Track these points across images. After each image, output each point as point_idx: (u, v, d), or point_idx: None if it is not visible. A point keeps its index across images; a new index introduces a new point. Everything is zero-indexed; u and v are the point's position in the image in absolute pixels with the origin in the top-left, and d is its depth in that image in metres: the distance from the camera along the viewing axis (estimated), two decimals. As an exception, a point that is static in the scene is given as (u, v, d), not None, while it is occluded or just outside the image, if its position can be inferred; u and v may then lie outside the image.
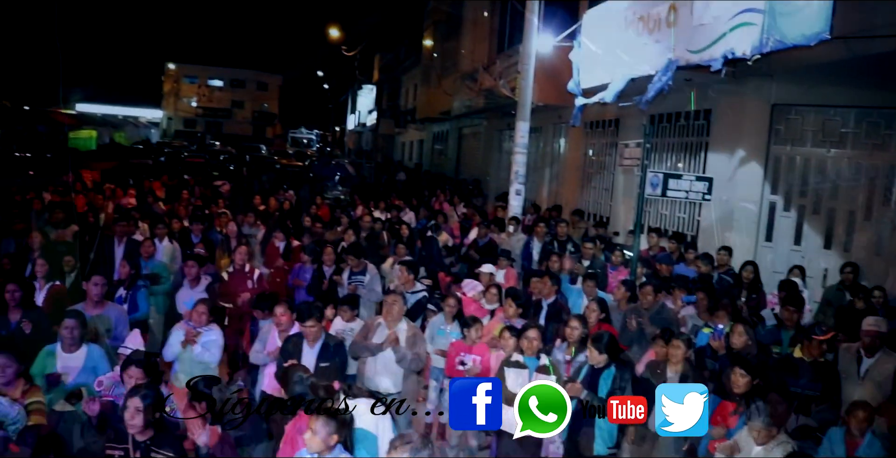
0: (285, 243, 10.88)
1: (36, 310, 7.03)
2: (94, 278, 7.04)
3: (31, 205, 12.68)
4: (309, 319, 6.10)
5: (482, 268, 9.34)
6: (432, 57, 31.29)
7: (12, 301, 6.75)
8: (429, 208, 16.28)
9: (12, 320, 6.69)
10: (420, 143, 38.86)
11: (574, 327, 6.76)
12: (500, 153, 23.49)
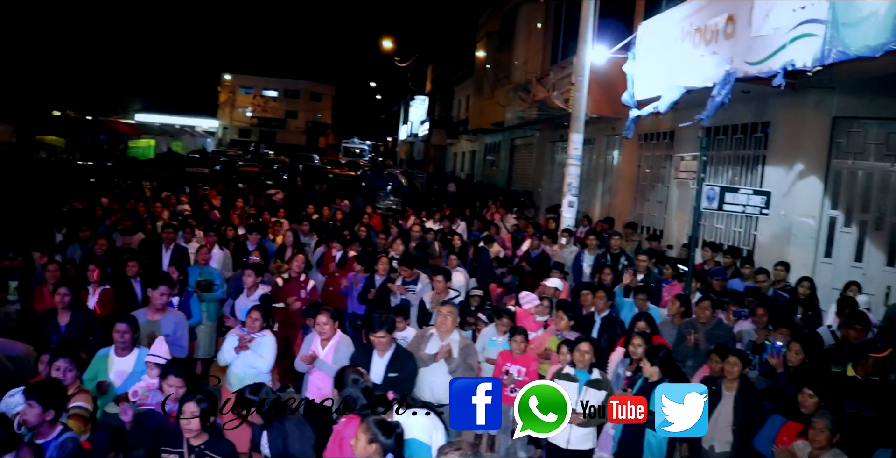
0: (342, 252, 10.98)
1: (85, 312, 7.18)
2: (160, 287, 7.16)
3: (94, 212, 13.01)
4: (380, 330, 6.12)
5: (548, 282, 9.28)
6: (485, 68, 31.32)
7: (61, 304, 6.91)
8: (481, 219, 16.28)
9: (61, 323, 6.85)
10: (472, 153, 38.90)
11: (637, 345, 6.68)
12: (553, 165, 23.39)
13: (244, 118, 79.06)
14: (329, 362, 6.56)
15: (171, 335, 6.85)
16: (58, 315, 6.89)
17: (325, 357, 6.63)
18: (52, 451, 4.52)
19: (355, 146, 63.51)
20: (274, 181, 27.79)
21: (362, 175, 32.13)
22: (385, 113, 74.32)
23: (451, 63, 43.92)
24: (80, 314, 7.05)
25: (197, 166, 31.47)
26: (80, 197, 15.59)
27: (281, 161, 43.97)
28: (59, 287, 7.01)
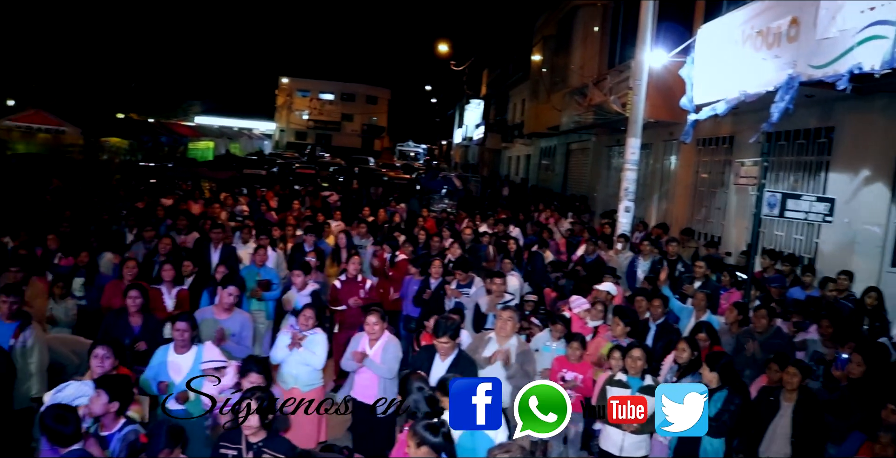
0: (391, 254, 11.05)
1: (153, 317, 7.29)
2: (230, 287, 7.27)
3: (155, 212, 13.30)
4: (443, 335, 6.14)
5: (602, 286, 9.20)
6: (541, 72, 31.23)
7: (133, 307, 7.01)
8: (535, 224, 16.22)
9: (133, 324, 6.98)
10: (527, 157, 38.79)
11: (683, 349, 6.60)
12: (609, 170, 23.19)
13: (301, 121, 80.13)
14: (377, 361, 6.60)
15: (237, 335, 6.98)
16: (130, 317, 7.01)
17: (373, 357, 6.68)
18: (116, 443, 4.62)
19: (410, 149, 63.89)
20: (329, 183, 28.07)
21: (417, 178, 32.27)
22: (440, 116, 74.67)
23: (506, 67, 43.89)
24: (152, 318, 7.18)
25: (254, 168, 31.90)
26: (142, 197, 15.94)
27: (336, 164, 44.39)
28: (130, 290, 7.10)
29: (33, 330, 6.34)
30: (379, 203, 18.99)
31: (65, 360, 6.70)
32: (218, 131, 55.03)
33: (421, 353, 6.51)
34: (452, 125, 68.14)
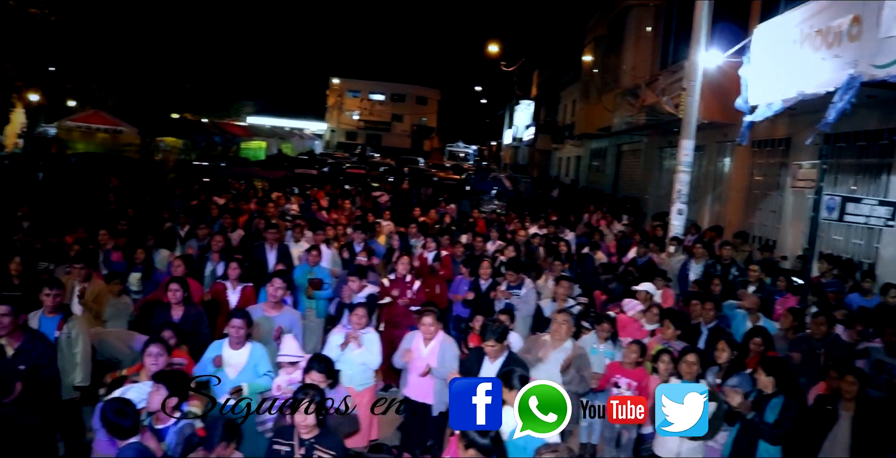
0: (434, 253, 11.06)
1: (196, 307, 7.43)
2: (274, 280, 7.32)
3: (209, 210, 13.51)
4: (490, 338, 6.13)
5: (640, 286, 9.12)
6: (592, 72, 31.02)
7: (174, 299, 7.15)
8: (587, 225, 16.12)
9: (175, 317, 7.10)
10: (577, 159, 38.55)
11: (722, 349, 6.50)
12: (661, 171, 22.92)
13: (351, 121, 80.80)
14: (434, 362, 6.61)
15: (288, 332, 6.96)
16: (171, 310, 7.15)
17: (430, 357, 6.68)
18: (171, 436, 4.71)
19: (460, 150, 63.88)
20: (379, 183, 28.22)
21: (467, 179, 32.28)
22: (490, 117, 74.57)
23: (557, 67, 43.68)
24: (193, 309, 7.29)
25: (305, 168, 32.21)
26: (197, 196, 16.21)
27: (386, 164, 44.62)
28: (171, 283, 7.25)
29: (76, 322, 6.51)
30: (429, 204, 19.04)
31: (120, 354, 6.86)
32: (270, 131, 55.72)
33: (470, 355, 6.49)
34: (502, 126, 68.03)
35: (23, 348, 5.60)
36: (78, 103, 40.83)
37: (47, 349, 5.69)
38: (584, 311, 8.87)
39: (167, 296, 7.24)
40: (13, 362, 5.57)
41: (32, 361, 5.58)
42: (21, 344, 5.60)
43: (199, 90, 48.55)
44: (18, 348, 5.59)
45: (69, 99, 40.61)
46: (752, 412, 5.73)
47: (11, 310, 5.53)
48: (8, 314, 5.51)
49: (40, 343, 5.69)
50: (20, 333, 5.64)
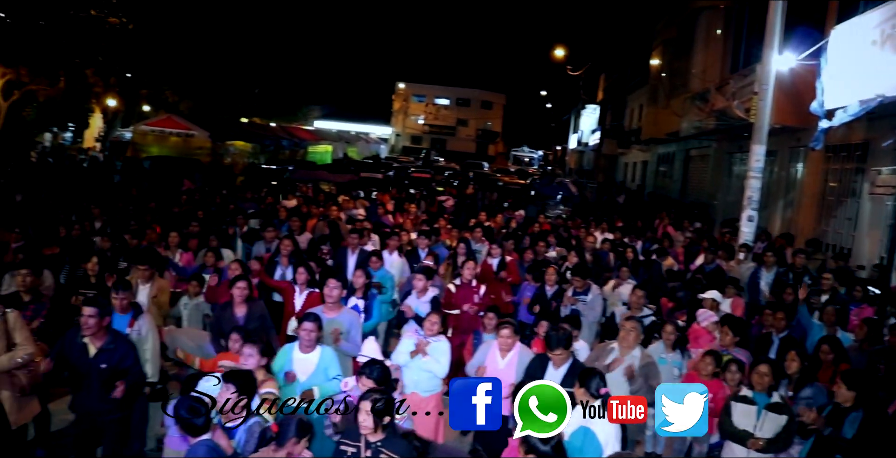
0: (499, 259, 11.03)
1: (260, 306, 7.53)
2: (329, 281, 7.36)
3: (276, 213, 13.72)
4: (557, 347, 6.12)
5: (707, 294, 8.94)
6: (660, 76, 30.61)
7: (239, 297, 7.26)
8: (653, 231, 15.91)
9: (238, 314, 7.22)
10: (643, 164, 38.06)
11: (792, 359, 6.33)
12: (730, 177, 22.48)
13: (416, 126, 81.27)
14: (512, 375, 6.53)
15: (346, 334, 7.04)
16: (234, 307, 7.26)
17: (507, 369, 6.62)
18: (241, 434, 4.81)
19: (524, 155, 63.75)
20: (444, 188, 28.30)
21: (532, 184, 32.13)
22: (555, 121, 74.15)
23: (624, 71, 43.22)
24: (256, 307, 7.40)
25: (371, 172, 32.50)
26: (265, 199, 16.49)
27: (451, 168, 44.72)
28: (238, 281, 7.36)
29: (146, 319, 6.71)
30: (493, 208, 19.02)
31: (192, 352, 7.04)
32: (336, 135, 56.41)
33: (534, 362, 6.45)
34: (567, 131, 67.59)
35: (105, 348, 5.76)
36: (152, 108, 42.04)
37: (130, 351, 5.85)
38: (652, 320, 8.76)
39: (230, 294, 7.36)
40: (95, 360, 5.75)
41: (114, 361, 5.74)
42: (104, 344, 5.77)
43: (268, 95, 49.46)
44: (101, 348, 5.76)
45: (144, 104, 41.86)
46: (829, 427, 5.56)
47: (97, 312, 5.70)
48: (94, 316, 5.67)
49: (122, 344, 5.85)
50: (104, 333, 5.80)
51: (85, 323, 5.68)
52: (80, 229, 10.81)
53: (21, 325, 5.96)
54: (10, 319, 5.93)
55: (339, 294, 7.36)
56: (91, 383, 5.77)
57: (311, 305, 8.03)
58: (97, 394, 5.75)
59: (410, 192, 23.08)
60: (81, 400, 5.92)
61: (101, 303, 5.84)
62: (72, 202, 13.56)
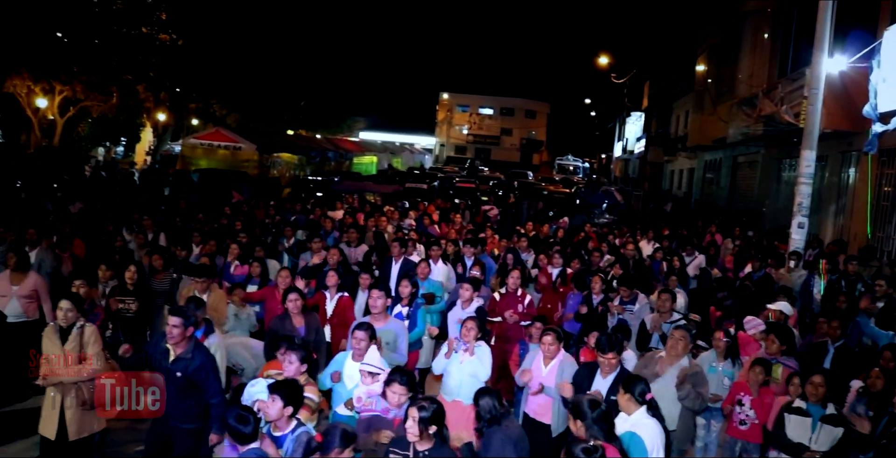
0: (560, 269, 10.98)
1: (315, 317, 7.63)
2: (373, 292, 7.39)
3: (322, 224, 13.82)
4: (610, 351, 6.07)
5: (775, 305, 8.71)
6: (706, 82, 30.26)
7: (294, 309, 7.36)
8: (700, 239, 15.70)
9: (297, 325, 7.31)
10: (690, 171, 37.60)
11: (876, 377, 6.15)
12: (779, 183, 22.10)
13: (460, 136, 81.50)
14: (552, 382, 6.53)
15: (392, 343, 7.06)
16: (292, 318, 7.35)
17: (548, 376, 6.61)
18: (289, 443, 4.85)
19: (569, 163, 63.50)
20: (489, 197, 28.27)
21: (577, 192, 31.93)
22: (600, 130, 73.76)
23: (669, 78, 42.82)
24: (313, 318, 7.49)
25: (416, 182, 32.61)
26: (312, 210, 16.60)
27: (496, 178, 44.70)
28: (290, 293, 7.46)
29: (217, 336, 6.86)
30: (539, 217, 18.93)
31: (244, 362, 7.14)
32: (381, 146, 56.84)
33: (581, 370, 6.40)
34: (612, 139, 67.17)
35: (183, 356, 5.85)
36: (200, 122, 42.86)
37: (205, 362, 5.90)
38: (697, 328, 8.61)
39: (284, 306, 7.44)
40: (172, 366, 5.85)
41: (189, 371, 5.81)
42: (182, 353, 5.86)
43: (314, 107, 50.08)
44: (179, 356, 5.85)
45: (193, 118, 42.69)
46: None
47: (182, 322, 5.81)
48: (178, 326, 5.79)
49: (200, 355, 5.91)
50: (186, 342, 5.90)
51: (170, 333, 5.80)
52: (122, 241, 11.03)
53: (95, 340, 6.14)
54: (86, 332, 6.13)
55: (383, 304, 7.38)
56: (167, 388, 5.83)
57: (342, 309, 8.12)
58: (172, 400, 5.82)
59: (455, 202, 23.08)
60: None
61: (186, 313, 5.94)
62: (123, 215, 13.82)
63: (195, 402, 5.88)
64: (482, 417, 5.08)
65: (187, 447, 5.93)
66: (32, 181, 20.60)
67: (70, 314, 6.10)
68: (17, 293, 8.24)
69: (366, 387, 5.89)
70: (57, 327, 6.14)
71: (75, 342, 6.06)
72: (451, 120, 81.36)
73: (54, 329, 6.15)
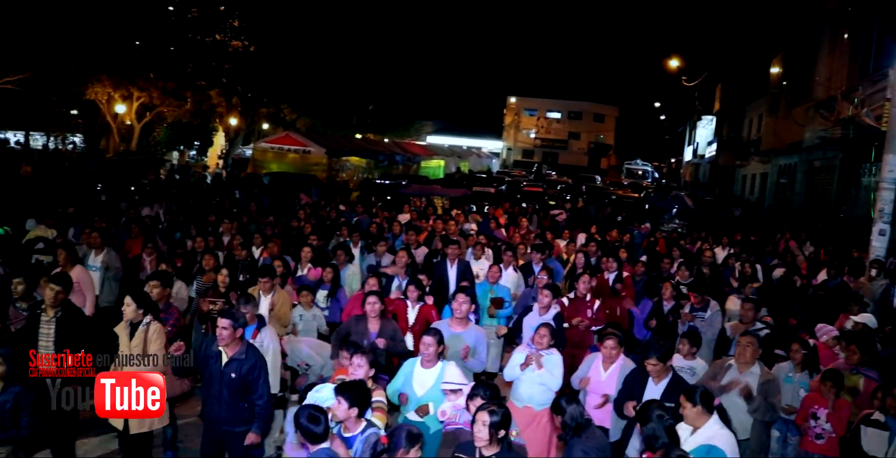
0: (616, 273, 10.83)
1: (392, 322, 7.60)
2: (458, 296, 7.30)
3: (391, 227, 13.90)
4: (652, 356, 5.97)
5: (859, 317, 8.43)
6: (781, 85, 29.56)
7: (372, 312, 7.32)
8: (774, 246, 15.31)
9: (372, 330, 7.30)
10: (763, 176, 36.73)
11: None
12: (858, 189, 21.40)
13: (528, 140, 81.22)
14: (612, 388, 6.45)
15: (472, 350, 6.96)
16: (368, 322, 7.35)
17: (608, 381, 6.54)
18: (358, 444, 4.89)
19: (638, 168, 62.69)
20: (556, 202, 28.08)
21: (645, 197, 31.48)
22: (669, 134, 72.65)
23: (742, 81, 41.95)
24: (389, 324, 7.46)
25: (483, 186, 32.59)
26: (378, 214, 16.72)
27: (563, 182, 44.40)
28: (369, 296, 7.44)
29: (269, 331, 6.93)
30: (606, 222, 18.72)
31: (310, 360, 7.23)
32: (448, 150, 56.98)
33: (633, 374, 6.28)
34: (682, 143, 66.10)
35: (236, 358, 5.94)
36: (271, 126, 43.67)
37: (257, 362, 5.98)
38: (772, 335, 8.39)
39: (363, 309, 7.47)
40: (225, 368, 5.95)
41: (243, 372, 5.90)
42: (235, 354, 5.95)
43: (382, 111, 50.53)
44: (232, 358, 5.95)
45: (264, 122, 43.53)
46: None
47: (231, 323, 5.90)
48: (227, 327, 5.88)
49: (252, 356, 6.00)
50: (237, 343, 5.99)
51: (219, 334, 5.90)
52: (203, 243, 11.23)
53: (157, 337, 6.29)
54: (150, 330, 6.28)
55: (468, 309, 7.26)
56: (220, 391, 5.95)
57: (423, 318, 8.09)
58: (226, 403, 5.93)
59: (523, 206, 22.97)
60: (211, 408, 6.10)
61: (235, 315, 6.04)
62: (197, 218, 14.13)
63: (248, 404, 5.97)
64: (567, 426, 5.01)
65: (242, 451, 6.00)
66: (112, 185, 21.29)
67: (129, 310, 6.29)
68: None
69: (450, 402, 5.84)
70: (128, 323, 6.34)
71: (140, 339, 6.24)
72: (519, 124, 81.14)
73: (125, 325, 6.35)
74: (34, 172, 26.96)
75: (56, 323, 6.47)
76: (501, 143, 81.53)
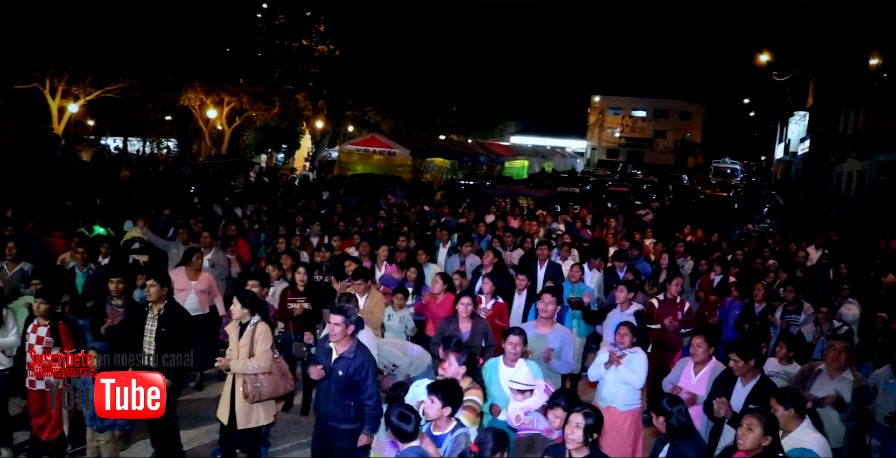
0: (722, 276, 10.62)
1: (482, 321, 7.64)
2: (544, 296, 7.27)
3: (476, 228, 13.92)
4: (749, 359, 5.86)
5: None
6: (882, 77, 28.37)
7: (464, 313, 7.39)
8: (875, 246, 14.73)
9: (463, 330, 7.36)
10: (860, 173, 35.33)
11: None
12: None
13: (612, 139, 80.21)
14: (703, 390, 6.34)
15: (556, 350, 6.91)
16: (460, 322, 7.43)
17: (698, 385, 6.43)
18: (448, 443, 4.92)
19: (726, 166, 61.17)
20: (642, 202, 27.65)
21: (735, 196, 30.68)
22: (759, 131, 70.57)
23: (837, 74, 40.42)
24: (480, 323, 7.53)
25: (568, 186, 32.36)
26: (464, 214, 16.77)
27: (649, 181, 43.69)
28: (462, 297, 7.54)
29: (367, 333, 6.97)
30: (694, 222, 18.32)
31: (398, 361, 7.33)
32: (532, 150, 56.70)
33: (723, 375, 6.16)
34: (773, 140, 64.10)
35: (345, 356, 6.00)
36: (356, 128, 44.36)
37: (365, 362, 6.01)
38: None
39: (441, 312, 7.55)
40: (334, 365, 6.03)
41: (350, 371, 5.95)
42: (345, 352, 6.02)
43: (465, 112, 50.68)
44: (342, 355, 6.02)
45: (349, 125, 44.23)
46: None
47: (343, 320, 5.96)
48: (340, 324, 5.95)
49: (361, 355, 6.03)
50: (348, 340, 6.06)
51: (331, 330, 5.98)
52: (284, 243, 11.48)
53: (264, 338, 6.42)
54: (256, 330, 6.42)
55: (553, 309, 7.22)
56: (329, 387, 6.04)
57: (496, 315, 8.12)
58: (333, 400, 6.02)
59: (608, 206, 22.71)
60: (320, 403, 6.21)
61: (347, 312, 6.05)
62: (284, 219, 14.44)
63: (354, 402, 5.98)
64: (674, 428, 4.92)
65: (347, 448, 6.03)
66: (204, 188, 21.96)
67: (235, 309, 6.44)
68: (196, 288, 8.85)
69: (519, 404, 5.75)
70: (238, 323, 6.50)
71: (247, 339, 6.38)
72: (603, 123, 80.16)
73: (235, 325, 6.52)
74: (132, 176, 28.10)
75: (158, 320, 6.71)
76: (585, 142, 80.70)
